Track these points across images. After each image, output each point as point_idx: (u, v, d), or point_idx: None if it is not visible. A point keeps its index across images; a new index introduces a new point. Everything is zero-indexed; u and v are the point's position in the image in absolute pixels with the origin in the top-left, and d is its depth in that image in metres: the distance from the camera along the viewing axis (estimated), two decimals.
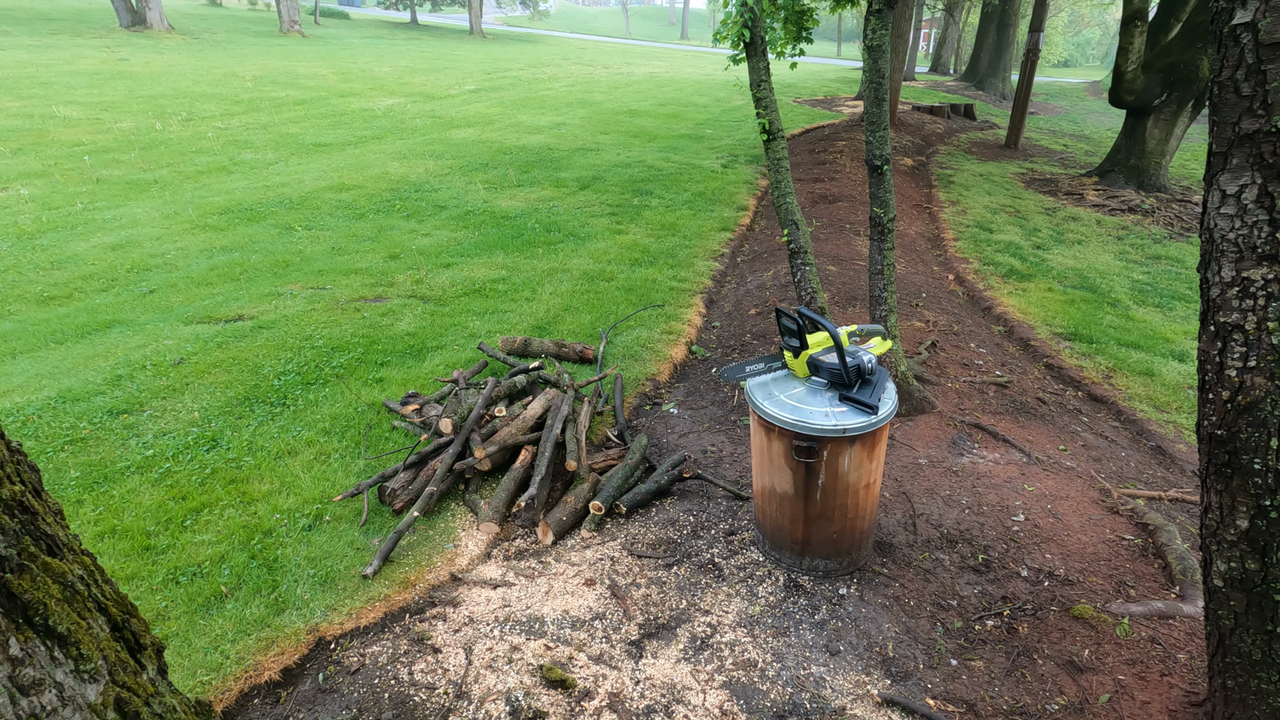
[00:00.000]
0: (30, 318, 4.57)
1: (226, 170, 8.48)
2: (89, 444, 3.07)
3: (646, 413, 3.57)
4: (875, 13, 2.95)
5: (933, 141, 12.46)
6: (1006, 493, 2.72)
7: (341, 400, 3.44)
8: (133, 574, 2.34)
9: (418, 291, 4.89)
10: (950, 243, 6.83)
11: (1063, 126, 16.85)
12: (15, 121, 9.86)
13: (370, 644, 2.09)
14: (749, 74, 3.40)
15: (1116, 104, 8.95)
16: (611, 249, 5.90)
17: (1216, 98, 1.29)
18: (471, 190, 7.76)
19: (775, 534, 2.36)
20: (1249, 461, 1.35)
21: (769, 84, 3.37)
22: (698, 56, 32.99)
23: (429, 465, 2.81)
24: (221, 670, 1.99)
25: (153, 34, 21.36)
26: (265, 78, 15.42)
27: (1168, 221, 7.85)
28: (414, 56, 22.93)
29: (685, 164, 9.42)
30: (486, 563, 2.48)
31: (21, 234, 6.01)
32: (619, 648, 2.08)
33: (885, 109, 3.06)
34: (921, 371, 3.81)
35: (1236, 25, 1.22)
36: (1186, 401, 3.92)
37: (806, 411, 2.06)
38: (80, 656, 0.84)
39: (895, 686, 1.95)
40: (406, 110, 12.97)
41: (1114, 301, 5.43)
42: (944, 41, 30.15)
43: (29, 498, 0.87)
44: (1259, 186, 1.25)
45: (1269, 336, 1.28)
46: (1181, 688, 1.86)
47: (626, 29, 60.00)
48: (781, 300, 4.63)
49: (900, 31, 13.26)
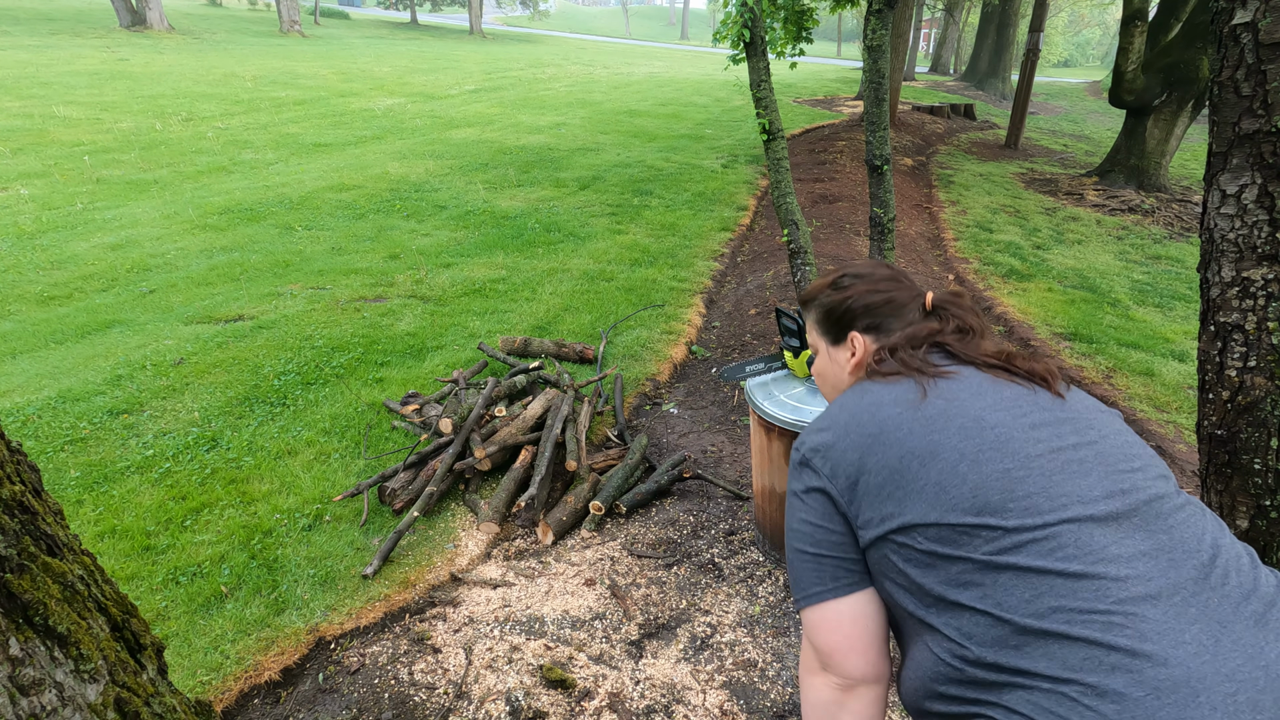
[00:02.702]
0: (30, 318, 4.57)
1: (226, 170, 8.49)
2: (89, 444, 3.07)
3: (646, 413, 3.57)
4: (875, 13, 2.96)
5: (933, 141, 12.46)
6: None
7: (341, 400, 3.44)
8: (133, 574, 2.34)
9: (418, 291, 4.89)
10: (950, 243, 6.83)
11: (1063, 126, 16.86)
12: (15, 121, 9.86)
13: (370, 644, 2.09)
14: (749, 74, 3.40)
15: (1116, 104, 8.95)
16: (611, 249, 5.90)
17: (1216, 98, 1.29)
18: (471, 190, 7.76)
19: (775, 534, 2.36)
20: (1249, 461, 1.36)
21: (769, 84, 3.37)
22: (698, 56, 33.01)
23: (429, 465, 2.81)
24: (221, 670, 1.99)
25: (153, 34, 21.37)
26: (265, 78, 15.42)
27: (1168, 221, 7.85)
28: (414, 56, 22.94)
29: (685, 164, 9.42)
30: (486, 563, 2.49)
31: (21, 234, 6.01)
32: (619, 648, 2.08)
33: (885, 109, 3.06)
34: None
35: (1236, 25, 1.22)
36: (1186, 401, 3.92)
37: (806, 411, 2.06)
38: (80, 656, 0.84)
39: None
40: (406, 110, 12.97)
41: (1114, 301, 5.43)
42: (944, 41, 30.17)
43: (29, 498, 0.87)
44: (1259, 186, 1.25)
45: (1269, 336, 1.29)
46: None
47: (626, 29, 60.03)
48: (781, 300, 4.63)
49: (900, 31, 13.26)
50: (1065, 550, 0.76)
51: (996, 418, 0.86)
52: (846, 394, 0.99)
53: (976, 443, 0.84)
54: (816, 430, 0.95)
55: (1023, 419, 0.87)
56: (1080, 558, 0.75)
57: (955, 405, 0.88)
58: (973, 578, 0.78)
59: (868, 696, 0.89)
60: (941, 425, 0.86)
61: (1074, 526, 0.77)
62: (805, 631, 0.92)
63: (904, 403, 0.90)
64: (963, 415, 0.87)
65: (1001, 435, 0.84)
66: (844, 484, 0.89)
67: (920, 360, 0.96)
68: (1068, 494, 0.80)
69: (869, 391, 0.95)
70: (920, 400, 0.90)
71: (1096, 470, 0.83)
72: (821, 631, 0.90)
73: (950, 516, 0.80)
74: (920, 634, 0.84)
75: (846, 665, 0.88)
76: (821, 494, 0.91)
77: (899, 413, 0.89)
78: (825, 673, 0.90)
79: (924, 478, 0.83)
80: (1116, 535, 0.77)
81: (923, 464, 0.84)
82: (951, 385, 0.92)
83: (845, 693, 0.89)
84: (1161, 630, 0.71)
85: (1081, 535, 0.77)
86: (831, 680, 0.90)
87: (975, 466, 0.82)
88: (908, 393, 0.91)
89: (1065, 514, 0.78)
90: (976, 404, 0.88)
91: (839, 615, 0.89)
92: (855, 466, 0.88)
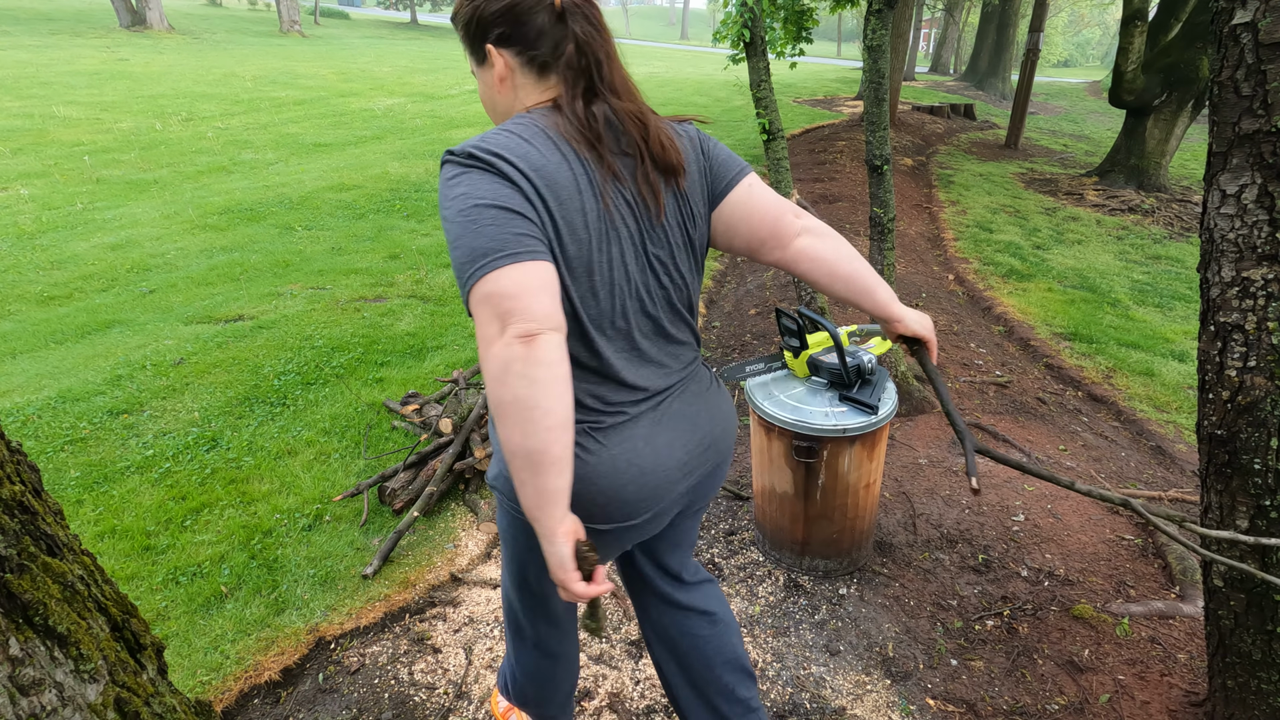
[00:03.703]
0: (30, 318, 4.57)
1: (226, 170, 8.49)
2: (89, 444, 3.07)
3: None
4: (875, 13, 2.95)
5: (933, 141, 12.46)
6: (1006, 492, 2.72)
7: (341, 400, 3.44)
8: (133, 574, 2.34)
9: (418, 291, 4.89)
10: (950, 243, 6.83)
11: (1063, 126, 16.85)
12: (15, 121, 9.86)
13: (370, 644, 2.09)
14: (749, 74, 3.40)
15: (1116, 104, 8.95)
16: None
17: (1216, 98, 1.29)
18: None
19: (775, 534, 2.36)
20: (1249, 461, 1.36)
21: (769, 84, 3.37)
22: (698, 56, 33.00)
23: (429, 465, 2.81)
24: (221, 670, 1.99)
25: (153, 34, 21.37)
26: (265, 78, 15.42)
27: (1168, 221, 7.85)
28: (414, 56, 22.93)
29: None
30: (487, 563, 2.48)
31: (21, 234, 6.02)
32: (619, 647, 2.08)
33: (885, 109, 3.06)
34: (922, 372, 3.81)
35: (1236, 25, 1.22)
36: (1186, 401, 3.92)
37: (806, 411, 2.06)
38: (80, 656, 0.84)
39: (896, 686, 1.95)
40: (406, 110, 12.97)
41: (1114, 301, 5.43)
42: (944, 41, 30.18)
43: (29, 498, 0.87)
44: (1259, 186, 1.25)
45: (1269, 336, 1.29)
46: (1181, 688, 1.86)
47: (626, 29, 60.02)
48: (781, 300, 4.63)
49: (900, 31, 13.26)
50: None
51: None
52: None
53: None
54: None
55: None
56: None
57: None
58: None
59: (554, 340, 0.90)
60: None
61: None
62: (481, 302, 0.91)
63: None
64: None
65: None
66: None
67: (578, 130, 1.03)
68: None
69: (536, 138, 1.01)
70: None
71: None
72: (502, 288, 0.90)
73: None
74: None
75: (533, 309, 0.89)
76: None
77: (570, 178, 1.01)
78: (503, 329, 0.89)
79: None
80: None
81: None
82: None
83: (529, 342, 0.88)
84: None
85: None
86: (512, 333, 0.88)
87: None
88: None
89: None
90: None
91: (525, 273, 0.91)
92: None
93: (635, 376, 1.11)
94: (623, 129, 1.06)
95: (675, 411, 1.17)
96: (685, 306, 1.18)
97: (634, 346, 1.11)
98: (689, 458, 1.18)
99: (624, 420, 1.11)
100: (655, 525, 1.20)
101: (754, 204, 1.16)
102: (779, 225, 1.17)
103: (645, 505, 1.13)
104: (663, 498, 1.16)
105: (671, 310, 1.15)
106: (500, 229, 0.92)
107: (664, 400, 1.16)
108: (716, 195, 1.16)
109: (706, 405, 1.23)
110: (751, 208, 1.16)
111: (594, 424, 1.09)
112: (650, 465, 1.12)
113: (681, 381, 1.19)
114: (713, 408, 1.24)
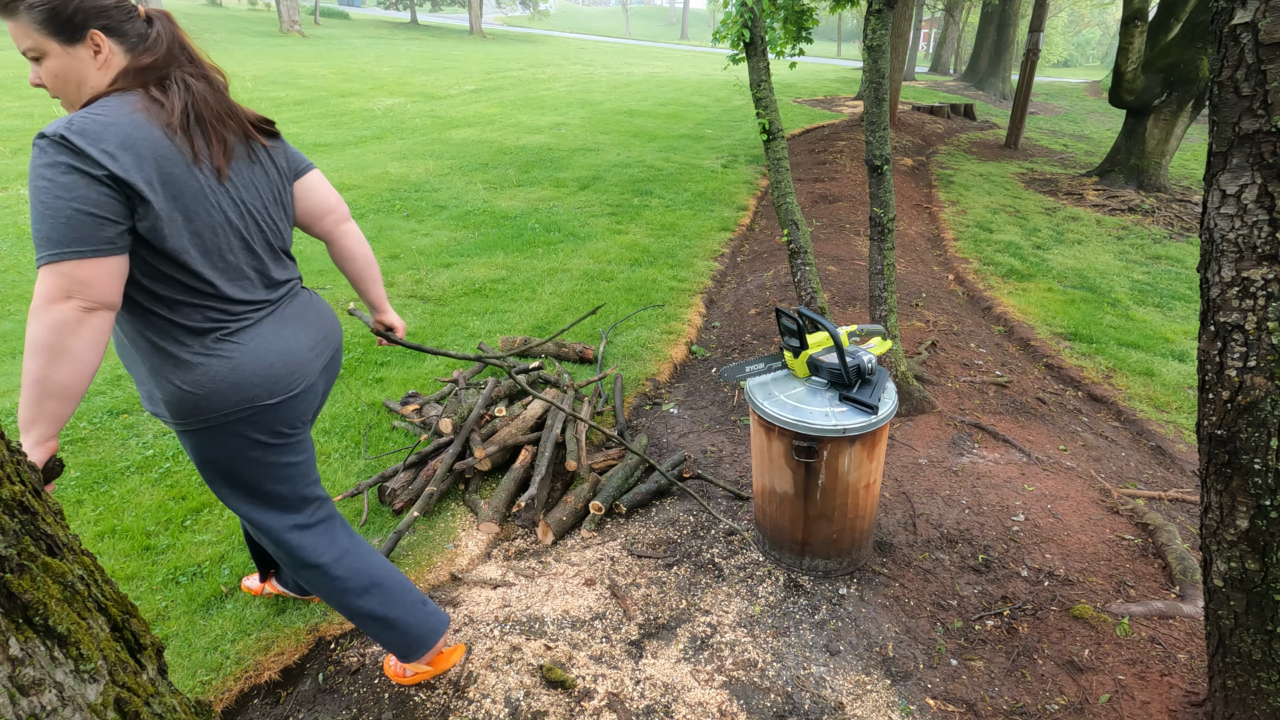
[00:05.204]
0: None
1: None
2: (89, 444, 3.07)
3: (646, 413, 3.57)
4: (875, 13, 2.95)
5: (933, 141, 12.46)
6: (1006, 493, 2.72)
7: (341, 400, 3.44)
8: (133, 574, 2.34)
9: (418, 291, 4.89)
10: (950, 243, 6.83)
11: (1063, 126, 16.86)
12: (15, 121, 9.87)
13: (370, 644, 2.09)
14: (749, 74, 3.40)
15: (1116, 104, 8.95)
16: (611, 249, 5.90)
17: (1216, 98, 1.29)
18: (471, 190, 7.76)
19: (775, 534, 2.36)
20: (1249, 461, 1.36)
21: (769, 84, 3.37)
22: (698, 56, 33.01)
23: (429, 465, 2.81)
24: (221, 670, 1.99)
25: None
26: (265, 78, 15.42)
27: (1168, 221, 7.85)
28: (414, 56, 22.94)
29: (685, 164, 9.42)
30: (486, 563, 2.49)
31: (21, 234, 6.01)
32: (619, 647, 2.08)
33: (885, 109, 3.06)
34: (921, 371, 3.81)
35: (1236, 25, 1.22)
36: (1186, 401, 3.92)
37: (806, 411, 2.06)
38: (80, 656, 0.84)
39: (895, 686, 1.95)
40: (406, 110, 12.97)
41: (1114, 301, 5.43)
42: (944, 41, 30.19)
43: (29, 498, 0.87)
44: (1259, 186, 1.25)
45: (1269, 336, 1.29)
46: (1181, 688, 1.86)
47: (626, 29, 60.04)
48: (781, 300, 4.63)
49: (900, 31, 13.27)
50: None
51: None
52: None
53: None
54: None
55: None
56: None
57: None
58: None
59: (108, 317, 1.23)
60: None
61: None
62: (57, 277, 1.17)
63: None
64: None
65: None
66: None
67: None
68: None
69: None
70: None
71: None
72: (86, 274, 1.19)
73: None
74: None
75: (105, 294, 1.21)
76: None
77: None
78: (69, 300, 1.17)
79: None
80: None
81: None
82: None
83: (88, 313, 1.19)
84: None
85: None
86: (77, 304, 1.17)
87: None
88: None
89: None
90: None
91: (110, 265, 1.21)
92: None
93: (247, 294, 1.45)
94: (205, 105, 1.42)
95: (290, 315, 1.54)
96: (279, 246, 1.54)
97: (243, 275, 1.44)
98: (313, 343, 1.58)
99: (249, 324, 1.45)
100: (312, 397, 1.58)
101: (316, 188, 1.64)
102: (335, 211, 1.69)
103: (296, 378, 1.51)
104: (307, 372, 1.54)
105: (269, 247, 1.51)
106: (88, 224, 1.19)
107: (277, 308, 1.52)
108: (298, 173, 1.61)
109: (314, 308, 1.64)
110: (313, 190, 1.63)
111: (224, 331, 1.41)
112: (285, 348, 1.49)
113: (287, 295, 1.56)
114: (319, 310, 1.65)
